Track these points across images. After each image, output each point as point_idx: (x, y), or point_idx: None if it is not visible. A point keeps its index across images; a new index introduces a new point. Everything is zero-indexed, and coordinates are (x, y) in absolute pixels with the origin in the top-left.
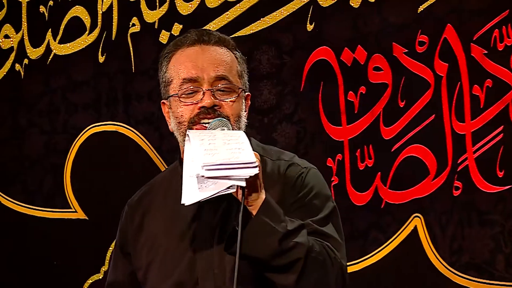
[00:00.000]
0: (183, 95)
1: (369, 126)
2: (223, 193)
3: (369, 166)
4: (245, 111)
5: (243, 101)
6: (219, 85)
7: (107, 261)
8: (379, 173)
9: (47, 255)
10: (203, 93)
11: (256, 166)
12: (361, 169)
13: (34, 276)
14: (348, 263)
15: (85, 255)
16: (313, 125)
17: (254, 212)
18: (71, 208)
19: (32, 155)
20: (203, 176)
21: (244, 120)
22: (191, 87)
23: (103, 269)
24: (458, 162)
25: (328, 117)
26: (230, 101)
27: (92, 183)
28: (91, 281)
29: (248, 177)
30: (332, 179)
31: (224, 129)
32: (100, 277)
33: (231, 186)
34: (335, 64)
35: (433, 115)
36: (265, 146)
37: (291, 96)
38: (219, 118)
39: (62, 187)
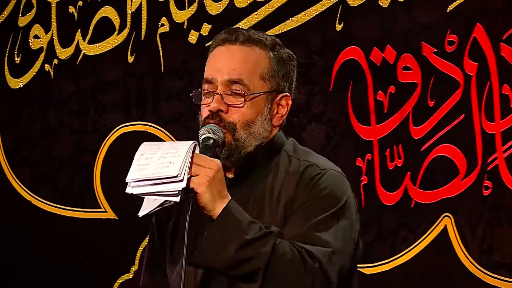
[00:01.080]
0: (204, 95)
1: (399, 125)
2: (166, 205)
3: (399, 165)
4: (272, 115)
5: (266, 105)
6: (232, 88)
7: (137, 261)
8: (409, 172)
9: (77, 255)
10: (213, 97)
11: (181, 180)
12: (390, 168)
13: (64, 276)
14: (377, 263)
15: (115, 255)
16: (342, 124)
17: None
18: (101, 208)
19: (62, 155)
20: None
21: (261, 126)
22: (208, 89)
23: (133, 269)
24: (488, 161)
25: (358, 116)
26: (238, 106)
27: (122, 183)
28: (121, 281)
29: (176, 192)
30: (362, 178)
31: (208, 136)
32: (130, 277)
33: (166, 200)
34: (364, 63)
35: (463, 115)
36: (300, 147)
37: (320, 96)
38: (209, 125)
39: (92, 187)
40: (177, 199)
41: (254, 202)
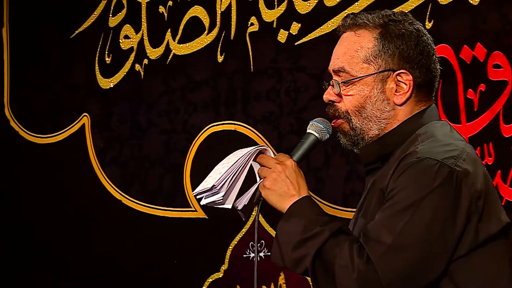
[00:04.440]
0: None
1: (489, 123)
2: (240, 211)
3: (489, 164)
4: (390, 94)
5: (375, 86)
6: (339, 77)
7: (227, 260)
8: (499, 171)
9: (167, 254)
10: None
11: (217, 192)
12: None
13: (155, 274)
14: None
15: (205, 254)
16: None
17: None
18: (191, 207)
19: (152, 155)
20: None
21: (373, 108)
22: (330, 81)
23: (223, 268)
24: None
25: (447, 114)
26: (345, 94)
27: None
28: (211, 280)
29: (219, 201)
30: None
31: (308, 132)
32: (220, 276)
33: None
34: (454, 61)
35: None
36: (434, 130)
37: None
38: (316, 120)
39: (182, 187)
40: (229, 206)
41: (373, 192)
